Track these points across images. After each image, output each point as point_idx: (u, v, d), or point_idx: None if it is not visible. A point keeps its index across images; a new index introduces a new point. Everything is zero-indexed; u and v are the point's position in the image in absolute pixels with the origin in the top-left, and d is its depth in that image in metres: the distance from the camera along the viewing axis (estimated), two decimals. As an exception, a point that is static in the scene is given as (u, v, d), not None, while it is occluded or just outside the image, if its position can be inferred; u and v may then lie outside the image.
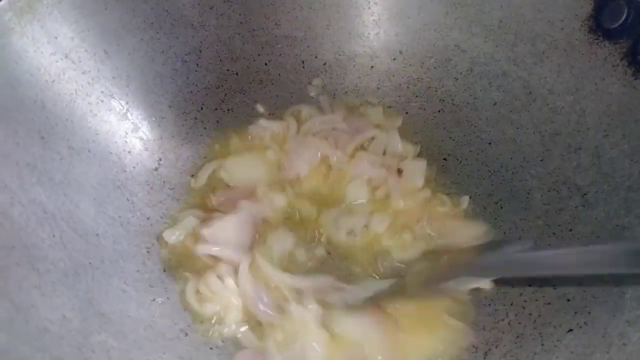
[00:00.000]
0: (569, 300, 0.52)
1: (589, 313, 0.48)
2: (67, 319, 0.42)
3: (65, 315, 0.41)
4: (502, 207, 0.65)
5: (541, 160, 0.64)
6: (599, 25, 0.60)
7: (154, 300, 0.52)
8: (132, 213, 0.58)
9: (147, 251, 0.56)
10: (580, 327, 0.48)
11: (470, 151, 0.70)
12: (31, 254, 0.43)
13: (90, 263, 0.49)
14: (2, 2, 0.51)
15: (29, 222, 0.45)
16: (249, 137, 0.71)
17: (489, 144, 0.70)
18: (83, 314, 0.43)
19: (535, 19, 0.66)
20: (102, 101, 0.61)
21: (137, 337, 0.46)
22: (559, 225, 0.59)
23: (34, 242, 0.45)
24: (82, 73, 0.59)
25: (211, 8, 0.72)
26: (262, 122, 0.71)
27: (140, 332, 0.47)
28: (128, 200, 0.59)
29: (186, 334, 0.50)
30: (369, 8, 0.76)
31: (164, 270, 0.55)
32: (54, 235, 0.47)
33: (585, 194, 0.58)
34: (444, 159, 0.71)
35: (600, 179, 0.58)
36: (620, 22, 0.58)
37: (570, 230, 0.58)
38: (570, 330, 0.48)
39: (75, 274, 0.46)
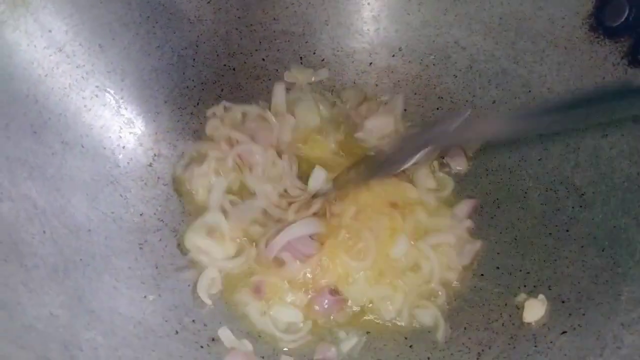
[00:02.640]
0: (563, 301, 0.51)
1: (584, 315, 0.48)
2: (55, 316, 0.41)
3: (52, 313, 0.41)
4: (499, 207, 0.64)
5: (539, 159, 0.64)
6: (600, 24, 0.60)
7: (145, 297, 0.51)
8: (125, 209, 0.58)
9: (140, 248, 0.56)
10: (574, 329, 0.47)
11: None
12: (19, 250, 0.43)
13: (81, 259, 0.48)
14: (-6, -5, 0.50)
15: (19, 217, 0.45)
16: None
17: (487, 142, 0.69)
18: (71, 311, 0.43)
19: (535, 16, 0.65)
20: (96, 96, 0.60)
21: (126, 335, 0.46)
22: (556, 226, 0.58)
23: (23, 237, 0.44)
24: (77, 67, 0.59)
25: (208, 2, 0.71)
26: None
27: (129, 330, 0.46)
28: (121, 196, 0.58)
29: (177, 332, 0.50)
30: (369, 4, 0.75)
31: (156, 267, 0.54)
32: (44, 231, 0.47)
33: (582, 194, 0.58)
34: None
35: (599, 180, 0.57)
36: (622, 20, 0.57)
37: (567, 230, 0.57)
38: (564, 332, 0.48)
39: (65, 270, 0.46)
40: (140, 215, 0.59)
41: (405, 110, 0.74)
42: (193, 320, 0.52)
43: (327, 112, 0.73)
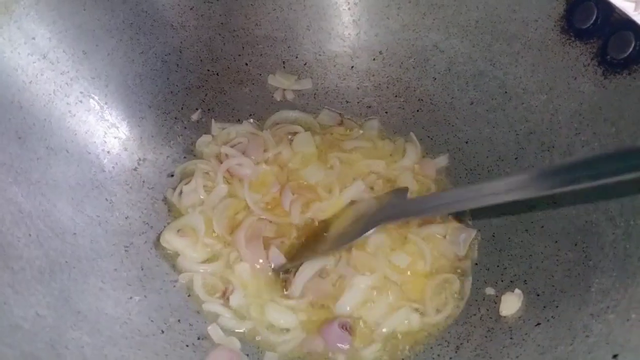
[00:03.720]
0: (538, 295, 0.53)
1: (557, 307, 0.50)
2: (41, 316, 0.42)
3: (39, 313, 0.42)
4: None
5: (515, 158, 0.66)
6: (571, 26, 0.62)
7: (131, 298, 0.52)
8: (111, 212, 0.58)
9: (126, 250, 0.56)
10: (548, 320, 0.49)
11: (448, 150, 0.72)
12: (6, 253, 0.44)
13: (66, 262, 0.49)
14: (-23, 4, 0.51)
15: (4, 221, 0.46)
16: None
17: (466, 142, 0.71)
18: (58, 311, 0.44)
19: (510, 19, 0.67)
20: (80, 101, 0.61)
21: (112, 334, 0.46)
22: (531, 222, 0.60)
23: (9, 241, 0.45)
24: (61, 73, 0.59)
25: (191, 9, 0.72)
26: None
27: (115, 329, 0.47)
28: (107, 200, 0.59)
29: (162, 332, 0.50)
30: (349, 9, 0.77)
31: (142, 269, 0.55)
32: (30, 235, 0.47)
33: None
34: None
35: (572, 177, 0.59)
36: (591, 22, 0.59)
37: (542, 227, 0.59)
38: (538, 324, 0.49)
39: (51, 272, 0.47)
40: (126, 218, 0.60)
41: (386, 112, 0.76)
42: (179, 320, 0.53)
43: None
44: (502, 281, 0.57)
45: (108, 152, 0.63)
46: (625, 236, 0.50)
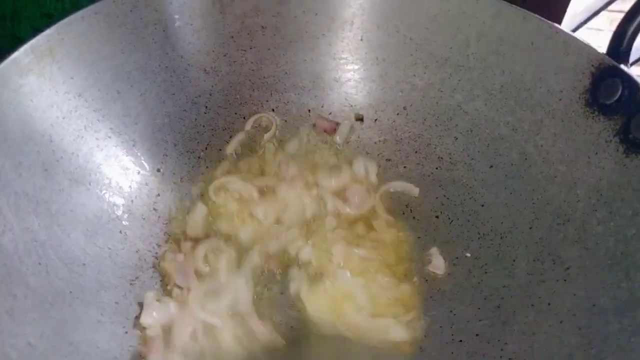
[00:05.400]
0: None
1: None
2: (32, 346, 0.44)
3: (30, 342, 0.44)
4: (486, 272, 0.64)
5: (530, 228, 0.64)
6: (595, 100, 0.61)
7: (126, 332, 0.54)
8: (122, 245, 0.61)
9: (131, 284, 0.59)
10: None
11: (463, 211, 0.71)
12: (12, 280, 0.46)
13: (70, 292, 0.52)
14: (25, 46, 0.56)
15: (17, 249, 0.49)
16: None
17: (482, 206, 0.70)
18: (50, 342, 0.46)
19: (535, 87, 0.66)
20: (109, 137, 0.65)
21: (99, 369, 0.48)
22: (539, 297, 0.58)
23: (17, 268, 0.48)
24: (94, 110, 0.63)
25: (225, 55, 0.76)
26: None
27: (104, 364, 0.49)
28: (121, 232, 0.62)
29: (150, 370, 0.52)
30: (377, 64, 0.78)
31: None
32: (39, 263, 0.50)
33: (567, 268, 0.58)
34: (436, 217, 0.72)
35: (584, 255, 0.57)
36: (615, 99, 0.58)
37: (549, 304, 0.57)
38: None
39: (53, 302, 0.49)
40: (136, 252, 0.62)
41: (405, 167, 0.76)
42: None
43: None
44: (500, 357, 0.55)
45: (129, 186, 0.66)
46: (632, 328, 0.48)
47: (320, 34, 0.76)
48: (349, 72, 0.79)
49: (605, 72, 0.58)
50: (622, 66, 0.58)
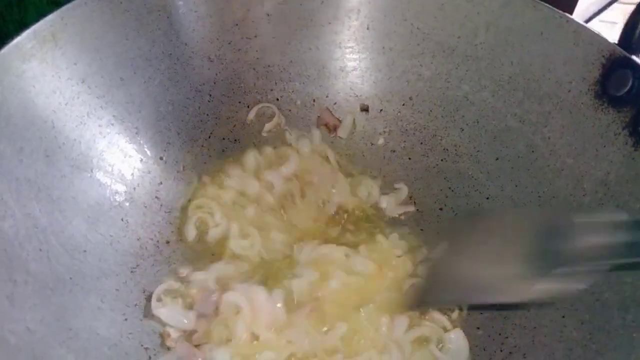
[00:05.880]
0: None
1: None
2: (31, 331, 0.44)
3: (29, 328, 0.44)
4: (489, 266, 0.63)
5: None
6: (605, 92, 0.59)
7: (126, 320, 0.54)
8: (124, 232, 0.61)
9: (132, 271, 0.59)
10: None
11: (467, 204, 0.70)
12: (12, 265, 0.46)
13: (71, 278, 0.52)
14: (27, 31, 0.55)
15: (18, 235, 0.49)
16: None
17: (487, 198, 0.69)
18: (50, 327, 0.46)
19: (544, 78, 0.65)
20: (112, 124, 0.65)
21: (98, 355, 0.48)
22: (542, 292, 0.57)
23: (18, 253, 0.48)
24: (97, 97, 0.63)
25: (229, 43, 0.75)
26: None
27: (103, 351, 0.49)
28: (122, 220, 0.62)
29: (149, 358, 0.52)
30: (384, 53, 0.77)
31: (144, 292, 0.57)
32: (40, 249, 0.50)
33: (572, 263, 0.57)
34: (440, 209, 0.71)
35: (589, 250, 0.56)
36: (625, 90, 0.57)
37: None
38: None
39: (54, 288, 0.49)
40: (138, 239, 0.62)
41: (409, 158, 0.76)
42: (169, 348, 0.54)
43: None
44: (500, 351, 0.55)
45: (132, 174, 0.66)
46: (636, 324, 0.47)
47: (326, 22, 0.75)
48: (354, 61, 0.78)
49: (616, 63, 0.57)
50: (634, 57, 0.56)
